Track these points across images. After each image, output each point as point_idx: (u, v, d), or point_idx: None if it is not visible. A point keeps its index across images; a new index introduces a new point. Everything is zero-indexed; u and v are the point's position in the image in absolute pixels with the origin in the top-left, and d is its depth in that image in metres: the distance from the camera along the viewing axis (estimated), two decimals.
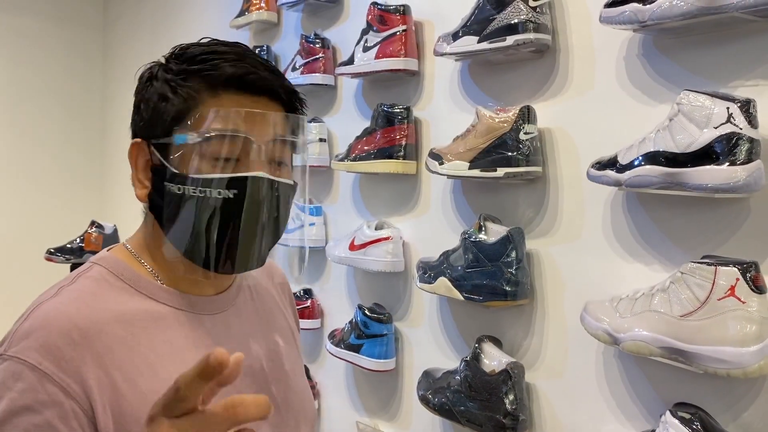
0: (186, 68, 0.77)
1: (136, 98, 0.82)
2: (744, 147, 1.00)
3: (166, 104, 0.77)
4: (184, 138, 0.75)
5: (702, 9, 1.03)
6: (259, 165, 0.75)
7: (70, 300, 0.74)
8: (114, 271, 0.79)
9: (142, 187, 0.80)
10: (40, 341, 0.69)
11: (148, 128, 0.79)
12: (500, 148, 1.36)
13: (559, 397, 1.36)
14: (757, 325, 0.97)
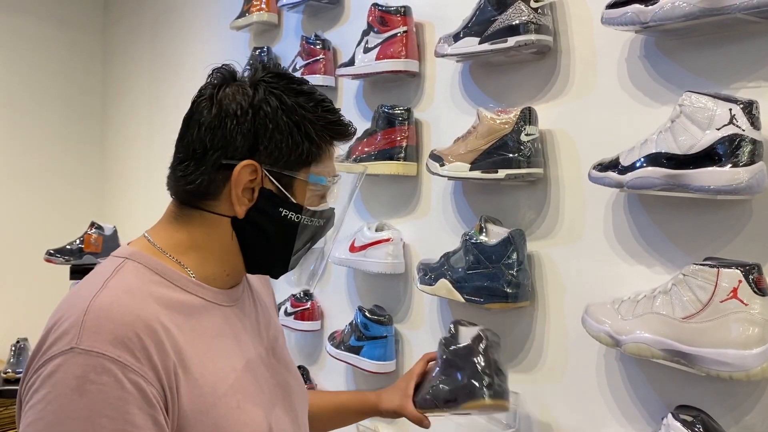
0: (323, 116, 0.88)
1: (258, 121, 0.84)
2: (746, 148, 1.00)
3: (310, 145, 0.87)
4: (323, 180, 0.90)
5: (704, 10, 1.03)
6: (332, 200, 0.95)
7: (123, 292, 0.77)
8: (149, 266, 0.83)
9: (242, 204, 0.87)
10: (113, 334, 0.72)
11: (280, 157, 0.86)
12: (501, 149, 1.35)
13: (560, 400, 1.35)
14: (760, 328, 0.97)
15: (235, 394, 0.82)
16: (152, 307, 0.78)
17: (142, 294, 0.79)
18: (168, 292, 0.82)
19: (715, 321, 1.00)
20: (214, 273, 0.88)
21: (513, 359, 1.44)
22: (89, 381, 0.69)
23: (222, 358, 0.83)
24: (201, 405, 0.77)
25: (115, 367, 0.70)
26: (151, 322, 0.75)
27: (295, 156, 0.86)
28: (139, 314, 0.75)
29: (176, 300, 0.82)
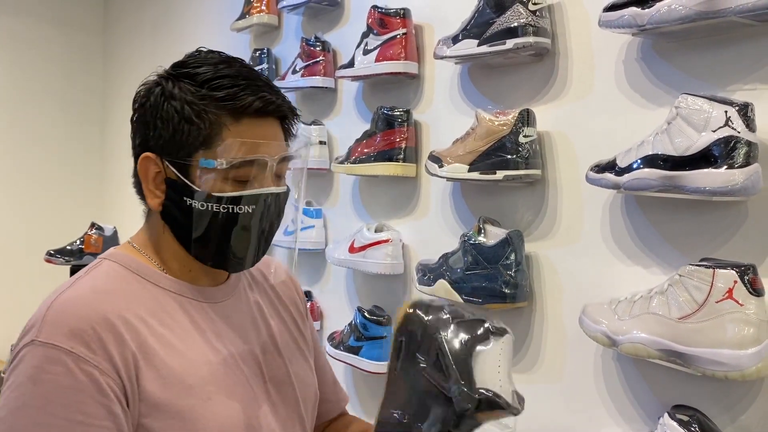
0: (208, 94, 0.83)
1: (147, 112, 0.86)
2: (742, 150, 1.00)
3: (190, 127, 0.83)
4: (212, 163, 0.83)
5: (700, 13, 1.04)
6: (269, 182, 0.86)
7: (87, 289, 0.81)
8: (122, 263, 0.87)
9: (154, 197, 0.87)
10: (68, 327, 0.75)
11: (167, 146, 0.85)
12: (499, 151, 1.36)
13: (558, 399, 1.36)
14: (755, 328, 0.98)
15: (206, 386, 0.82)
16: (115, 302, 0.80)
17: (107, 290, 0.82)
18: (139, 287, 0.85)
19: (710, 321, 1.01)
20: (179, 269, 0.89)
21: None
22: (44, 371, 0.73)
23: (194, 351, 0.83)
24: (165, 395, 0.78)
25: (69, 358, 0.73)
26: (109, 315, 0.78)
27: (183, 142, 0.83)
28: (97, 308, 0.78)
29: (147, 295, 0.84)
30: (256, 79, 0.87)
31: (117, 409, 0.75)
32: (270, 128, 0.86)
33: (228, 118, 0.83)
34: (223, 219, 0.84)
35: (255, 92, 0.84)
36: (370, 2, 1.74)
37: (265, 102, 0.84)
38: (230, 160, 0.82)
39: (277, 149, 0.86)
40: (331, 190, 2.00)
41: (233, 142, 0.82)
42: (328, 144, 1.98)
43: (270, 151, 0.85)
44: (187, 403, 0.79)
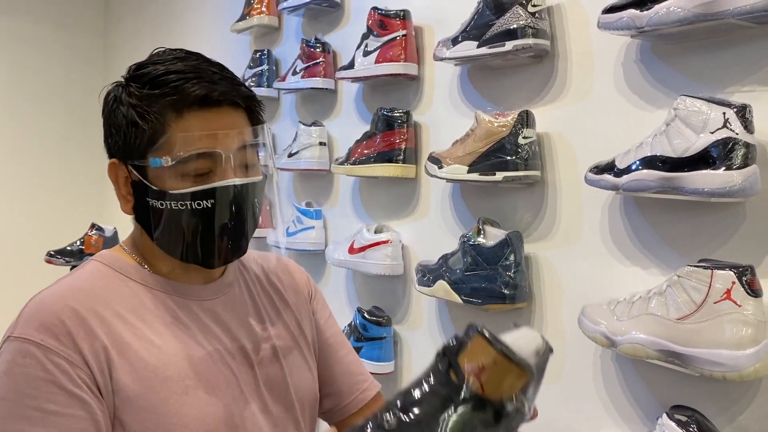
0: (149, 93, 0.83)
1: (104, 121, 0.88)
2: (740, 152, 1.01)
3: (136, 130, 0.83)
4: (158, 162, 0.82)
5: (699, 15, 1.05)
6: (229, 173, 0.83)
7: (64, 287, 0.84)
8: (107, 263, 0.89)
9: (125, 202, 0.89)
10: (39, 322, 0.78)
11: (123, 151, 0.86)
12: (499, 152, 1.37)
13: (557, 400, 1.37)
14: (753, 328, 0.98)
15: (184, 379, 0.82)
16: (90, 298, 0.82)
17: (84, 288, 0.83)
18: (121, 285, 0.86)
19: (708, 322, 1.01)
20: (164, 267, 0.89)
21: None
22: (16, 364, 0.75)
23: (173, 345, 0.83)
24: (138, 387, 0.79)
25: (39, 350, 0.75)
26: (80, 310, 0.79)
27: (134, 145, 0.84)
28: (69, 303, 0.80)
29: (128, 292, 0.85)
30: (206, 70, 0.85)
31: (89, 399, 0.76)
32: (222, 119, 0.83)
33: (171, 114, 0.82)
34: (183, 216, 0.83)
35: (198, 82, 0.82)
36: (370, 4, 1.74)
37: (208, 89, 0.82)
38: (175, 157, 0.81)
39: (231, 139, 0.83)
40: (331, 191, 2.01)
41: (174, 138, 0.81)
42: (328, 145, 1.98)
43: (222, 142, 0.82)
44: (161, 396, 0.79)
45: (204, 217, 0.83)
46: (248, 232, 0.88)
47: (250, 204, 0.86)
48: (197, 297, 0.90)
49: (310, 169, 1.97)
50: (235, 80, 0.87)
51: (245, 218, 0.86)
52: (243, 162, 0.85)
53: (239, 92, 0.86)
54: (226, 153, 0.83)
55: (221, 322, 0.90)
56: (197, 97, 0.82)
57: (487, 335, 0.61)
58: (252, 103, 0.88)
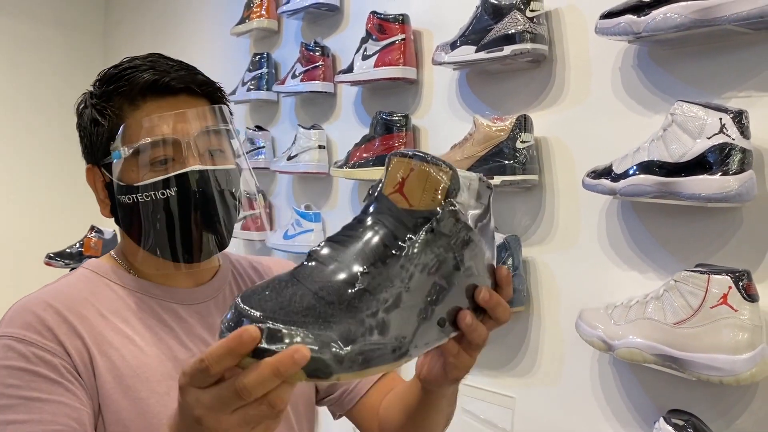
0: (106, 89, 0.85)
1: (77, 129, 0.90)
2: (736, 157, 1.01)
3: (97, 128, 0.85)
4: (118, 154, 0.83)
5: (696, 21, 1.05)
6: (192, 160, 0.82)
7: (47, 291, 0.85)
8: (94, 269, 0.89)
9: (104, 206, 0.90)
10: (21, 320, 0.79)
11: (93, 153, 0.87)
12: (497, 156, 1.37)
13: (555, 404, 1.37)
14: (749, 333, 0.99)
15: (165, 380, 0.81)
16: (75, 299, 0.82)
17: (67, 291, 0.84)
18: (106, 289, 0.86)
19: (705, 326, 1.02)
20: (149, 271, 0.89)
21: (508, 364, 1.46)
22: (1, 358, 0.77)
23: (157, 347, 0.83)
24: (119, 385, 0.79)
25: (21, 344, 0.76)
26: (62, 309, 0.80)
27: (99, 144, 0.85)
28: (50, 303, 0.81)
29: (112, 295, 0.86)
30: (162, 62, 0.85)
31: (74, 387, 0.76)
32: (179, 106, 0.83)
33: (126, 105, 0.83)
34: (150, 208, 0.82)
35: (150, 71, 0.82)
36: (369, 8, 1.75)
37: (159, 75, 0.82)
38: (131, 146, 0.81)
39: (185, 124, 0.82)
40: (330, 194, 2.01)
41: (130, 128, 0.81)
42: (327, 148, 1.99)
43: (176, 128, 0.81)
44: (142, 395, 0.79)
45: (170, 207, 0.82)
46: (223, 223, 0.85)
47: (219, 193, 0.84)
48: (185, 300, 0.89)
49: (309, 172, 1.97)
50: (193, 70, 0.87)
51: (215, 208, 0.84)
52: (206, 148, 0.84)
53: (195, 79, 0.86)
54: (184, 138, 0.81)
55: (209, 326, 0.89)
56: (147, 83, 0.82)
57: (402, 152, 0.59)
58: (210, 89, 0.87)
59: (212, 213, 0.84)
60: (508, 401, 1.45)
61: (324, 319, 0.51)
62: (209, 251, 0.86)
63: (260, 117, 2.32)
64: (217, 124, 0.86)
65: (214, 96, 0.88)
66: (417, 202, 0.57)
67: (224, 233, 0.86)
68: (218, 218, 0.85)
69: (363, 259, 0.54)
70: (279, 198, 2.22)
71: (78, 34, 3.67)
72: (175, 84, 0.83)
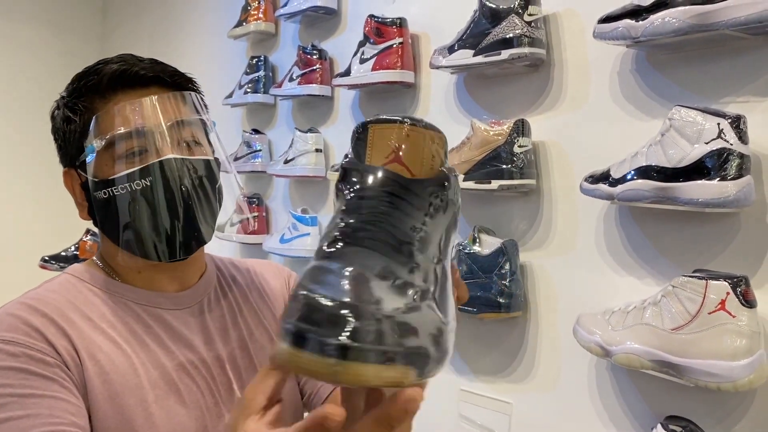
0: (77, 86, 0.85)
1: (52, 134, 0.89)
2: (734, 162, 1.01)
3: (70, 125, 0.84)
4: (92, 148, 0.81)
5: (694, 26, 1.05)
6: (167, 149, 0.81)
7: (31, 296, 0.82)
8: (77, 275, 0.87)
9: (82, 208, 0.87)
10: (7, 325, 0.77)
11: (68, 154, 0.86)
12: (495, 160, 1.37)
13: (552, 409, 1.36)
14: (747, 339, 0.98)
15: (153, 389, 0.79)
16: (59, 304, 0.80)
17: (53, 296, 0.82)
18: (90, 295, 0.84)
19: (703, 332, 1.01)
20: (131, 275, 0.87)
21: (505, 369, 1.45)
22: None
23: (143, 354, 0.81)
24: (105, 392, 0.77)
25: (9, 346, 0.74)
26: (49, 313, 0.78)
27: (73, 142, 0.84)
28: (37, 307, 0.79)
29: (97, 301, 0.83)
30: (131, 57, 0.85)
31: (67, 384, 0.75)
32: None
33: (96, 99, 0.83)
34: (125, 201, 0.80)
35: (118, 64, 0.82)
36: (366, 11, 1.75)
37: (127, 66, 0.82)
38: (103, 137, 0.80)
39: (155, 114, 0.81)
40: (327, 198, 2.01)
41: (101, 120, 0.80)
42: (324, 152, 1.98)
43: (146, 118, 0.80)
44: (130, 403, 0.78)
45: (146, 199, 0.80)
46: (202, 216, 0.83)
47: (196, 183, 0.82)
48: (170, 305, 0.87)
49: (305, 176, 1.97)
50: (162, 63, 0.86)
51: (193, 199, 0.82)
52: (180, 139, 0.83)
53: (164, 69, 0.85)
54: (155, 129, 0.80)
55: (196, 331, 0.87)
56: (116, 73, 0.82)
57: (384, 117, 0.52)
58: (181, 80, 0.87)
59: (189, 204, 0.82)
60: (505, 407, 1.44)
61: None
62: (189, 246, 0.84)
63: (257, 120, 2.31)
64: (191, 112, 0.84)
65: (186, 87, 0.87)
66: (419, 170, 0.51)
67: (204, 226, 0.84)
68: (196, 210, 0.82)
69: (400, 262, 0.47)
70: (276, 202, 2.22)
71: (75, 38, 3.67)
72: (145, 73, 0.83)
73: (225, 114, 2.39)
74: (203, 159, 0.85)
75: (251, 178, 2.30)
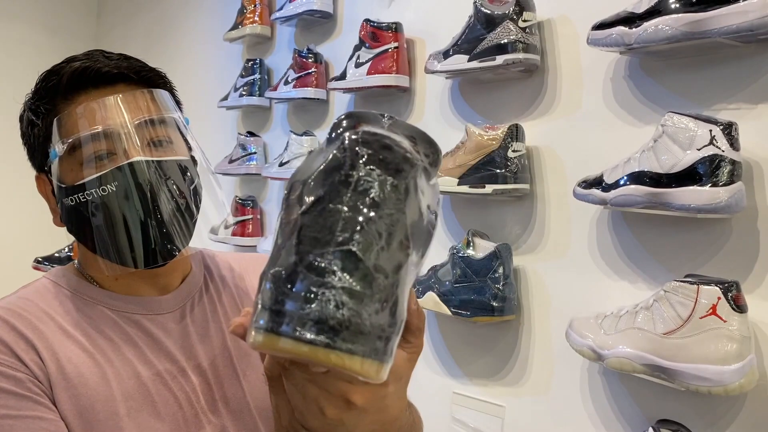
0: (40, 87, 0.80)
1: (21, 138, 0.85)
2: (726, 169, 1.02)
3: (34, 129, 0.80)
4: (54, 153, 0.77)
5: (686, 34, 1.06)
6: (132, 151, 0.75)
7: (4, 304, 0.78)
8: (55, 280, 0.83)
9: (55, 214, 0.83)
10: None
11: (35, 159, 0.82)
12: (489, 165, 1.37)
13: (544, 413, 1.37)
14: (738, 344, 0.99)
15: (126, 400, 0.75)
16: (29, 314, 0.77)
17: (26, 304, 0.78)
18: (66, 301, 0.80)
19: (694, 337, 1.02)
20: (108, 280, 0.82)
21: (498, 372, 1.46)
22: None
23: (118, 364, 0.77)
24: (74, 407, 0.73)
25: None
26: (17, 325, 0.74)
27: (38, 146, 0.80)
28: (5, 319, 0.75)
29: (72, 307, 0.79)
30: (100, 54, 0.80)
31: (42, 399, 0.71)
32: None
33: (59, 100, 0.78)
34: (94, 207, 0.76)
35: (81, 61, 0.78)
36: (362, 15, 1.75)
37: (90, 63, 0.77)
38: (66, 140, 0.75)
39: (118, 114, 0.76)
40: None
41: (61, 119, 0.76)
42: None
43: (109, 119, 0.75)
44: (100, 417, 0.73)
45: (114, 205, 0.75)
46: (177, 220, 0.78)
47: (168, 186, 0.77)
48: (149, 311, 0.82)
49: None
50: (131, 59, 0.81)
51: (165, 203, 0.77)
52: (150, 139, 0.77)
53: (131, 65, 0.80)
54: (119, 129, 0.75)
55: (176, 338, 0.82)
56: (77, 71, 0.77)
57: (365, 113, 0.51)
58: (150, 76, 0.82)
59: (162, 208, 0.76)
60: (498, 410, 1.45)
61: None
62: (165, 251, 0.78)
63: (252, 123, 2.31)
64: (161, 110, 0.79)
65: (156, 83, 0.82)
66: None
67: (180, 231, 0.79)
68: (170, 214, 0.77)
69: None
70: (270, 204, 2.22)
71: (70, 39, 3.66)
72: (109, 71, 0.77)
73: (220, 116, 2.39)
74: (176, 159, 0.79)
75: (246, 181, 2.30)
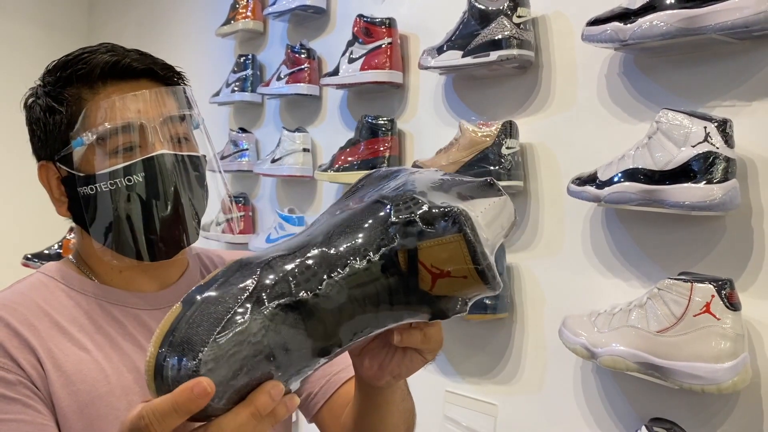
0: (61, 75, 0.80)
1: (28, 126, 0.84)
2: (720, 166, 1.02)
3: (55, 116, 0.80)
4: (81, 141, 0.78)
5: (681, 30, 1.05)
6: (158, 144, 0.78)
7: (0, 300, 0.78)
8: (50, 274, 0.83)
9: (60, 204, 0.84)
10: None
11: (48, 146, 0.82)
12: (482, 161, 1.37)
13: (537, 411, 1.36)
14: (732, 342, 0.99)
15: (126, 395, 0.76)
16: (25, 309, 0.77)
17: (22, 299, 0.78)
18: (63, 296, 0.81)
19: (688, 335, 1.02)
20: (109, 274, 0.83)
21: (491, 371, 1.45)
22: None
23: (116, 358, 0.78)
24: (74, 403, 0.73)
25: None
26: (12, 322, 0.75)
27: (56, 134, 0.80)
28: (3, 318, 0.75)
29: (70, 303, 0.80)
30: (120, 48, 0.82)
31: (33, 402, 0.71)
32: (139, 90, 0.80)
33: (85, 90, 0.79)
34: (114, 197, 0.77)
35: (108, 54, 0.79)
36: (355, 11, 1.74)
37: (119, 57, 0.79)
38: (95, 131, 0.77)
39: (149, 107, 0.78)
40: (314, 198, 2.00)
41: (92, 113, 0.77)
42: (312, 151, 1.97)
43: (140, 112, 0.77)
44: (100, 412, 0.74)
45: (137, 195, 0.77)
46: (192, 214, 0.81)
47: (188, 181, 0.80)
48: (148, 306, 0.84)
49: (293, 176, 1.96)
50: (150, 55, 0.83)
51: (185, 196, 0.80)
52: (173, 135, 0.80)
53: (155, 61, 0.82)
54: (149, 122, 0.78)
55: None
56: (107, 65, 0.78)
57: (470, 238, 0.48)
58: (171, 74, 0.84)
59: (182, 202, 0.79)
60: (491, 408, 1.44)
61: None
62: (178, 245, 0.81)
63: (244, 119, 2.30)
64: (183, 108, 0.82)
65: (175, 81, 0.85)
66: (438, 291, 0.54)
67: (193, 225, 0.82)
68: (187, 208, 0.80)
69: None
70: (262, 201, 2.20)
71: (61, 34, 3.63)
72: (137, 65, 0.80)
73: (212, 112, 2.38)
74: (195, 155, 0.82)
75: (238, 177, 2.28)
